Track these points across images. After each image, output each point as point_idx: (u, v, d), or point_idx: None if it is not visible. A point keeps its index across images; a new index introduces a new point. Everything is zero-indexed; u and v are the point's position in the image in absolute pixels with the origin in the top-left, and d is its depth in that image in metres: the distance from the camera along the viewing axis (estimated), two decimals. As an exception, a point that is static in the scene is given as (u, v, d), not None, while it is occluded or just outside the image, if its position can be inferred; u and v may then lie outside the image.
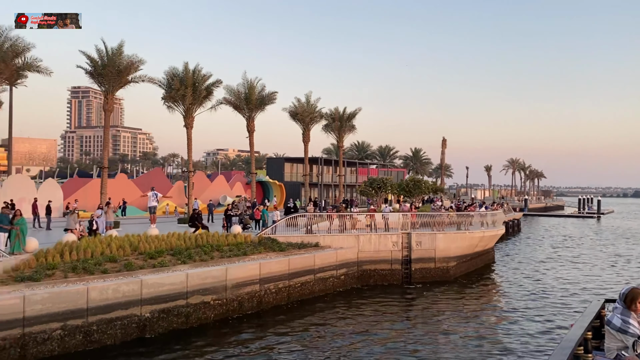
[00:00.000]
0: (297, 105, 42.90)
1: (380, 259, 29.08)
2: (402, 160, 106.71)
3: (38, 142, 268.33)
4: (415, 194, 39.92)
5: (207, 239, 23.94)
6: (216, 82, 34.06)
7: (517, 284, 30.46)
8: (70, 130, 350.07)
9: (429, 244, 30.20)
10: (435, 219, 31.32)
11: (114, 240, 21.20)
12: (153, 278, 18.58)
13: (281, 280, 23.43)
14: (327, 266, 26.20)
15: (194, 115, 34.04)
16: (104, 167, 30.67)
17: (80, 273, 17.85)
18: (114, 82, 28.98)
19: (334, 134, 46.80)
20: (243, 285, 21.62)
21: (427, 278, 29.83)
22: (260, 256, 23.65)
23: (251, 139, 38.78)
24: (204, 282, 20.10)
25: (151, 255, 20.60)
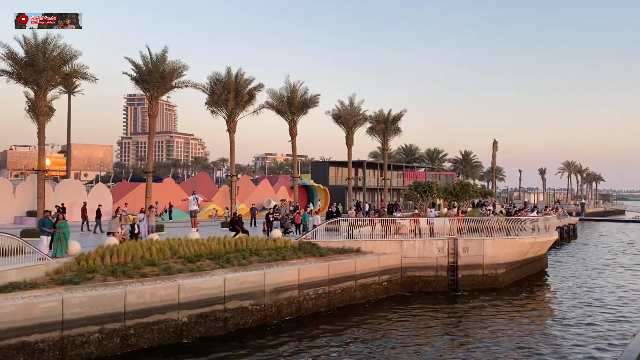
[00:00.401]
0: (341, 108, 42.47)
1: (425, 265, 28.16)
2: (451, 163, 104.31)
3: (95, 148, 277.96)
4: (463, 198, 38.62)
5: (246, 243, 23.77)
6: (258, 86, 34.10)
7: (571, 292, 28.86)
8: (126, 137, 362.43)
9: (476, 250, 29.04)
10: (483, 224, 30.10)
11: (155, 244, 21.30)
12: (190, 282, 18.49)
13: (321, 286, 22.97)
14: (369, 272, 25.56)
15: (236, 119, 34.15)
16: (149, 172, 31.10)
17: (119, 277, 17.95)
18: (157, 88, 29.36)
19: (379, 137, 46.05)
20: (282, 291, 21.29)
21: (474, 285, 28.68)
22: (299, 261, 23.28)
23: (293, 142, 38.62)
24: (241, 286, 19.88)
25: (190, 259, 20.57)
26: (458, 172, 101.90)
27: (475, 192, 39.05)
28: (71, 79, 26.74)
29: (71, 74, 26.03)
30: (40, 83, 24.92)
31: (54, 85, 25.75)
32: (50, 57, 24.91)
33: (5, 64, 24.71)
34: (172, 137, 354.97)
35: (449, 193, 39.45)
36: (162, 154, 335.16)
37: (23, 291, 15.72)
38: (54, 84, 25.59)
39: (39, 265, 17.49)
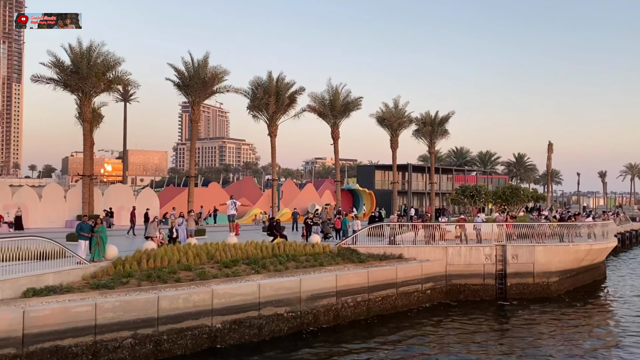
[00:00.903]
0: (385, 110, 41.63)
1: (472, 272, 26.97)
2: (504, 166, 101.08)
3: (151, 154, 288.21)
4: (513, 202, 36.93)
5: (284, 249, 23.39)
6: (299, 90, 33.81)
7: (630, 303, 26.92)
8: (181, 143, 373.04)
9: (526, 257, 27.59)
10: (533, 230, 28.58)
11: (191, 249, 21.24)
12: (224, 288, 18.24)
13: (360, 294, 22.29)
14: (411, 280, 24.65)
15: (277, 123, 34.00)
16: (190, 177, 31.32)
17: (154, 281, 17.90)
18: (199, 93, 29.54)
19: (425, 140, 44.89)
20: (318, 298, 20.75)
21: (524, 294, 27.25)
22: (337, 267, 22.68)
23: (336, 146, 38.07)
24: (276, 293, 19.48)
25: (226, 264, 20.36)
26: (511, 176, 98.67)
27: (526, 196, 37.25)
28: (115, 85, 27.21)
29: (114, 80, 26.51)
30: (84, 90, 25.50)
31: (99, 91, 26.31)
32: (94, 64, 25.43)
33: (52, 72, 25.39)
34: (224, 142, 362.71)
35: (498, 197, 37.80)
36: (214, 159, 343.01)
37: (58, 295, 15.86)
38: (98, 90, 26.13)
39: (76, 269, 17.67)
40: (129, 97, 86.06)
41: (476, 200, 36.60)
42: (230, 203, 27.56)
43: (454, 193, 39.97)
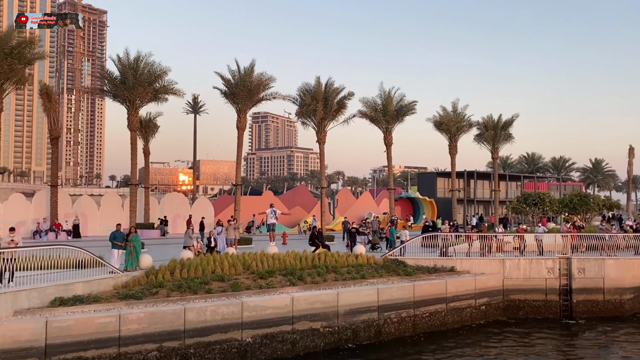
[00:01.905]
0: (442, 114, 39.73)
1: (532, 287, 24.81)
2: (580, 173, 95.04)
3: (221, 164, 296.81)
4: (582, 211, 33.90)
5: (325, 259, 22.37)
6: (348, 95, 32.81)
7: None
8: (251, 152, 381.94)
9: (595, 272, 25.07)
10: (604, 242, 25.98)
11: (228, 259, 20.68)
12: (255, 300, 17.48)
13: (405, 309, 20.87)
14: (463, 294, 22.91)
15: (326, 130, 33.15)
16: (237, 185, 31.04)
17: (184, 292, 17.43)
18: (245, 101, 29.24)
19: (487, 145, 42.49)
20: (358, 312, 19.57)
21: (593, 312, 24.74)
22: (380, 280, 21.39)
23: (389, 152, 36.64)
24: (312, 306, 18.51)
25: (261, 275, 19.62)
26: (587, 183, 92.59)
27: (596, 204, 34.12)
28: (162, 95, 27.42)
29: (160, 90, 26.71)
30: (131, 100, 25.82)
31: (146, 101, 26.59)
32: (140, 74, 25.70)
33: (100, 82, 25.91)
34: (292, 151, 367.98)
35: (565, 206, 34.85)
36: (283, 168, 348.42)
37: (85, 305, 15.66)
38: (145, 100, 26.41)
39: (106, 278, 17.50)
40: (198, 108, 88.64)
41: (540, 209, 34.02)
42: (270, 212, 26.94)
43: (515, 201, 37.41)
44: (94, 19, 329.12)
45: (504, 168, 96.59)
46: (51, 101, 32.54)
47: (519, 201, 35.58)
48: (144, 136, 38.08)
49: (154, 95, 26.45)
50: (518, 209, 35.80)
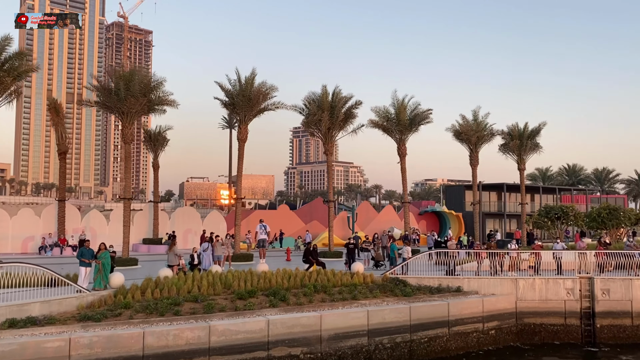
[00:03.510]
0: (462, 123, 37.60)
1: (549, 310, 22.52)
2: (624, 184, 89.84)
3: (259, 178, 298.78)
4: (611, 226, 31.01)
5: (316, 278, 20.80)
6: (356, 104, 31.29)
7: None
8: (291, 167, 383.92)
9: (621, 293, 22.58)
10: (632, 260, 23.43)
11: (208, 278, 19.43)
12: (224, 323, 16.12)
13: (399, 333, 19.09)
14: (469, 317, 20.90)
15: (334, 140, 31.71)
16: (238, 199, 29.89)
17: (151, 314, 16.23)
18: (246, 111, 28.19)
19: (513, 155, 39.98)
20: (344, 337, 17.93)
21: (620, 339, 22.26)
22: (373, 301, 19.66)
23: (403, 163, 34.77)
24: (291, 330, 17.00)
25: (240, 296, 18.24)
26: (633, 196, 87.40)
27: (628, 218, 31.16)
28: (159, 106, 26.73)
29: (155, 101, 26.01)
30: (123, 111, 25.19)
31: (140, 113, 25.92)
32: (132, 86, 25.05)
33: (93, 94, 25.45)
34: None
35: (592, 220, 32.02)
36: (323, 182, 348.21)
37: (37, 327, 14.63)
38: (140, 112, 25.75)
39: (69, 298, 16.49)
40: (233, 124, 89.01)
41: (563, 223, 31.41)
42: (259, 227, 25.60)
43: (536, 215, 34.81)
44: (140, 39, 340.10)
45: (543, 180, 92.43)
46: (59, 115, 32.43)
47: (541, 215, 32.99)
48: (154, 150, 37.64)
49: (149, 107, 25.80)
50: (539, 224, 33.19)
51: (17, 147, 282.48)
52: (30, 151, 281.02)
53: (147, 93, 25.28)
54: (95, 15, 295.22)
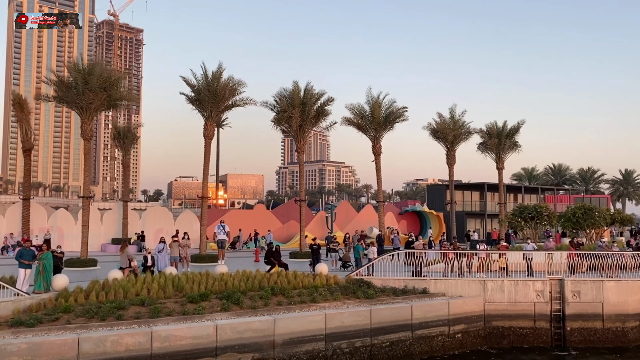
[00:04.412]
0: (439, 121, 36.92)
1: (518, 313, 21.88)
2: (609, 185, 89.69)
3: (248, 178, 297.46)
4: (587, 226, 30.45)
5: (276, 280, 20.04)
6: (328, 101, 30.51)
7: None
8: (283, 166, 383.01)
9: (592, 295, 21.99)
10: (603, 261, 22.85)
11: (159, 280, 18.60)
12: (168, 329, 15.29)
13: (359, 337, 18.35)
14: (433, 320, 20.20)
15: (306, 137, 30.93)
16: (204, 197, 29.05)
17: (92, 318, 15.37)
18: (212, 107, 27.35)
19: (491, 154, 39.37)
20: (300, 342, 17.16)
21: (590, 342, 21.69)
22: (333, 304, 18.92)
23: (377, 162, 34.05)
24: (241, 335, 16.22)
25: (192, 299, 17.43)
26: (617, 196, 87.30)
27: (603, 218, 30.63)
28: (119, 102, 25.87)
29: (115, 96, 25.11)
30: (81, 106, 24.29)
31: (99, 108, 25.04)
32: (90, 80, 24.18)
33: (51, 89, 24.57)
34: (324, 165, 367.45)
35: (567, 220, 31.48)
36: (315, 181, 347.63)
37: (-37, 334, 13.74)
38: (100, 107, 24.87)
39: (4, 302, 15.59)
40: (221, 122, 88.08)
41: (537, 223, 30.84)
42: (218, 227, 24.76)
43: (510, 214, 34.24)
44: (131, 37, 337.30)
45: (529, 180, 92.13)
46: (23, 112, 31.46)
47: (515, 215, 32.42)
48: (123, 147, 36.66)
49: (109, 102, 24.92)
50: (513, 224, 32.61)
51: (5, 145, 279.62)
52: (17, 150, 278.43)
53: (107, 88, 24.40)
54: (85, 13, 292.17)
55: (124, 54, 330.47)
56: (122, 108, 28.33)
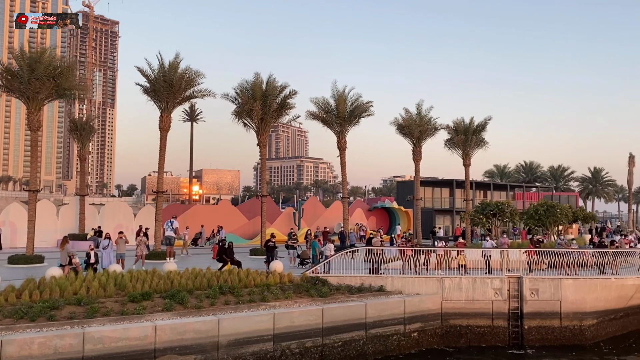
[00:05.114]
0: (405, 116, 36.51)
1: (476, 311, 21.57)
2: (579, 182, 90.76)
3: (224, 173, 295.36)
4: (549, 223, 30.41)
5: (226, 279, 19.30)
6: (291, 94, 29.77)
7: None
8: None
9: (550, 293, 21.79)
10: (563, 259, 22.65)
11: (101, 278, 17.72)
12: (102, 330, 14.46)
13: (310, 337, 17.77)
14: (389, 319, 19.73)
15: (268, 131, 30.15)
16: (159, 192, 28.13)
17: (21, 319, 14.45)
18: (168, 99, 26.43)
19: (457, 150, 39.13)
20: (246, 343, 16.49)
21: (548, 340, 21.50)
22: (284, 303, 18.27)
23: (342, 157, 33.50)
24: (182, 337, 15.47)
25: (134, 298, 16.59)
26: (586, 193, 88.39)
27: (565, 214, 30.66)
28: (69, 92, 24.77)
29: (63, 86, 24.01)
30: (28, 95, 23.18)
31: (48, 99, 23.95)
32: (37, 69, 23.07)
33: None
34: (302, 161, 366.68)
35: (530, 217, 31.41)
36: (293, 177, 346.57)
37: None
38: (50, 98, 23.79)
39: None
40: (195, 116, 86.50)
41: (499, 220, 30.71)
42: (166, 224, 23.94)
43: (472, 211, 34.07)
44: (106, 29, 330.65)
45: (500, 177, 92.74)
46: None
47: (477, 211, 32.24)
48: (80, 140, 35.46)
49: (58, 92, 23.85)
50: (475, 220, 32.43)
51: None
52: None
53: (56, 77, 23.32)
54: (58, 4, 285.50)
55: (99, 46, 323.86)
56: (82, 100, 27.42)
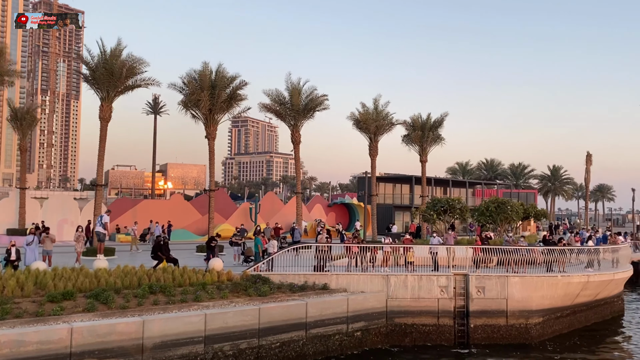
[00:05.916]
0: (362, 111, 35.97)
1: (421, 309, 21.13)
2: (538, 180, 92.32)
3: (189, 168, 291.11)
4: (500, 220, 30.41)
5: (159, 277, 18.33)
6: (241, 84, 28.81)
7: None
8: (229, 157, 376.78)
9: (497, 291, 21.50)
10: (510, 257, 22.40)
11: (19, 276, 16.55)
12: (9, 334, 13.36)
13: (245, 339, 16.96)
14: (330, 318, 19.08)
15: (215, 124, 29.12)
16: (98, 185, 26.89)
17: None
18: (109, 87, 25.20)
19: (415, 146, 38.83)
20: (174, 345, 15.58)
21: (493, 339, 21.22)
22: (219, 303, 17.41)
23: (296, 151, 32.74)
24: (103, 340, 14.47)
25: (53, 298, 15.48)
26: (545, 191, 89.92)
27: (515, 212, 30.70)
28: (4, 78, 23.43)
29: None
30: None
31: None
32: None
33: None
34: (272, 157, 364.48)
35: (481, 214, 31.38)
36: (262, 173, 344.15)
37: None
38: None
39: None
40: (158, 109, 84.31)
41: (449, 216, 30.57)
42: (98, 219, 22.79)
43: (424, 207, 33.87)
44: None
45: (463, 174, 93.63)
46: None
47: (428, 208, 31.99)
48: (20, 130, 33.72)
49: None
50: (426, 217, 32.22)
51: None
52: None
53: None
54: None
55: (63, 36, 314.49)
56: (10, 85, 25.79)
